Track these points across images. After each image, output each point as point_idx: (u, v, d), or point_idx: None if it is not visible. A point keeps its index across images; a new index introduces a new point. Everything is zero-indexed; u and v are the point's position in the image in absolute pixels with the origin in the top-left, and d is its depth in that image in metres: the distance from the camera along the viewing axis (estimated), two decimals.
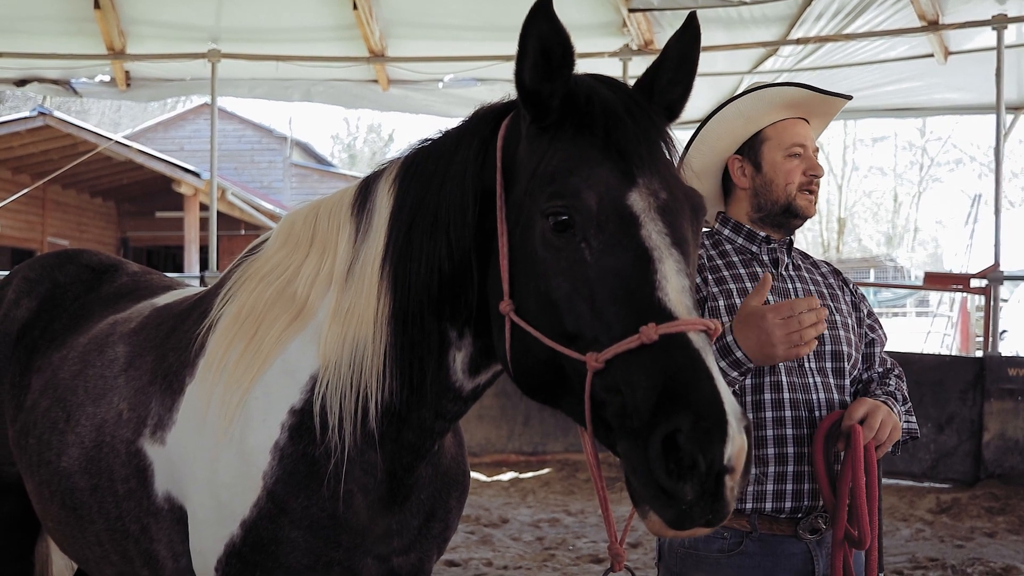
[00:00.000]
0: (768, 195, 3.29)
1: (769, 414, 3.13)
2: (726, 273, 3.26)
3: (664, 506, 2.02)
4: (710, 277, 3.24)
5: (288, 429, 2.65)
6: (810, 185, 3.28)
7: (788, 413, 3.13)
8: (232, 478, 2.68)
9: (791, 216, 3.30)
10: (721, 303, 3.20)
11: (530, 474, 11.24)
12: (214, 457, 2.72)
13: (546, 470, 11.31)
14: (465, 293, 2.51)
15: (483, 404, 11.37)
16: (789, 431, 3.13)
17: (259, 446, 2.66)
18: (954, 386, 10.28)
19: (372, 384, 2.58)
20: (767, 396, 3.14)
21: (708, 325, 2.14)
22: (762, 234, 3.32)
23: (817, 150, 3.36)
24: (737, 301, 3.19)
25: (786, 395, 3.14)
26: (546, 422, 11.26)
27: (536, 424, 11.44)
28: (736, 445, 1.99)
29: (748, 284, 3.24)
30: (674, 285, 2.16)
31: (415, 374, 2.59)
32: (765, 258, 3.32)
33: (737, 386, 3.06)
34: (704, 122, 3.34)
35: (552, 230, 2.23)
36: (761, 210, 3.32)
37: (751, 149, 3.32)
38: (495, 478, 11.06)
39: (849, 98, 3.39)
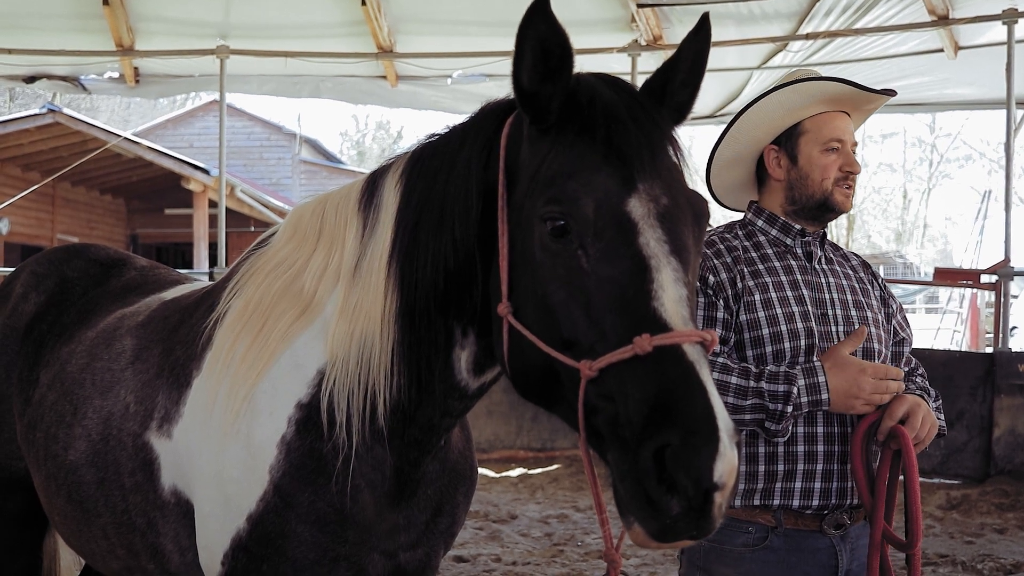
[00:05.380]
0: (803, 189, 3.27)
1: None
2: (761, 267, 3.24)
3: (649, 518, 1.99)
4: (745, 270, 3.21)
5: (295, 423, 2.65)
6: (847, 180, 3.26)
7: (819, 411, 3.10)
8: (239, 472, 2.68)
9: (826, 210, 3.28)
10: (757, 298, 3.17)
11: (539, 470, 11.23)
12: (220, 451, 2.71)
13: (555, 466, 11.31)
14: (470, 292, 2.49)
15: (492, 400, 11.40)
16: (819, 429, 3.12)
17: (266, 440, 2.65)
18: (964, 382, 10.25)
19: (380, 381, 2.57)
20: None
21: (704, 336, 2.10)
22: (797, 227, 3.30)
23: (856, 144, 3.33)
24: (773, 295, 3.18)
25: None
26: (555, 418, 11.11)
27: (545, 420, 11.43)
28: (727, 462, 1.95)
29: (783, 277, 3.22)
30: (671, 295, 2.12)
31: (423, 372, 2.58)
32: (799, 251, 3.30)
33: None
34: (743, 110, 3.32)
35: (550, 235, 2.20)
36: (795, 203, 3.30)
37: (788, 140, 3.30)
38: (504, 474, 11.06)
39: (893, 93, 3.35)
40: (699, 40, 2.44)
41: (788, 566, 3.14)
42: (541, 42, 2.24)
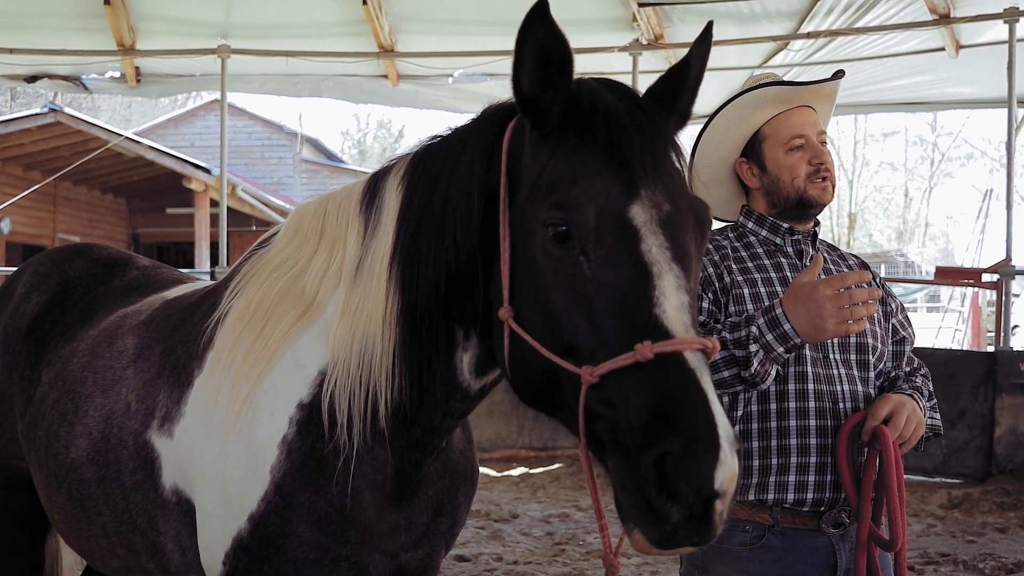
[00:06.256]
0: (778, 192, 3.29)
1: (792, 404, 3.12)
2: (751, 264, 3.25)
3: (650, 525, 1.99)
4: (734, 267, 3.23)
5: (296, 424, 2.65)
6: (818, 173, 3.25)
7: (812, 404, 3.12)
8: (240, 472, 2.68)
9: (805, 207, 3.28)
10: (746, 291, 3.19)
11: (540, 469, 11.24)
12: (222, 451, 2.71)
13: (556, 465, 11.32)
14: (471, 294, 2.49)
15: (493, 399, 11.40)
16: (812, 422, 3.12)
17: (267, 440, 2.65)
18: (965, 381, 10.24)
19: (382, 383, 2.57)
20: (791, 386, 3.13)
21: (705, 344, 2.10)
22: (785, 225, 3.31)
23: (823, 133, 3.32)
24: (762, 290, 3.19)
25: (810, 386, 3.13)
26: None
27: (546, 419, 11.30)
28: (728, 470, 1.95)
29: (773, 274, 3.24)
30: (672, 302, 2.12)
31: (424, 373, 2.58)
32: (789, 250, 3.32)
33: (779, 367, 3.02)
34: (698, 138, 3.35)
35: (551, 241, 2.19)
36: (776, 206, 3.31)
37: (753, 150, 3.32)
38: (505, 473, 11.06)
39: (839, 75, 3.33)
40: (703, 48, 2.45)
41: (786, 564, 3.14)
42: (541, 47, 2.23)
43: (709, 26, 2.47)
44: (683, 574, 3.32)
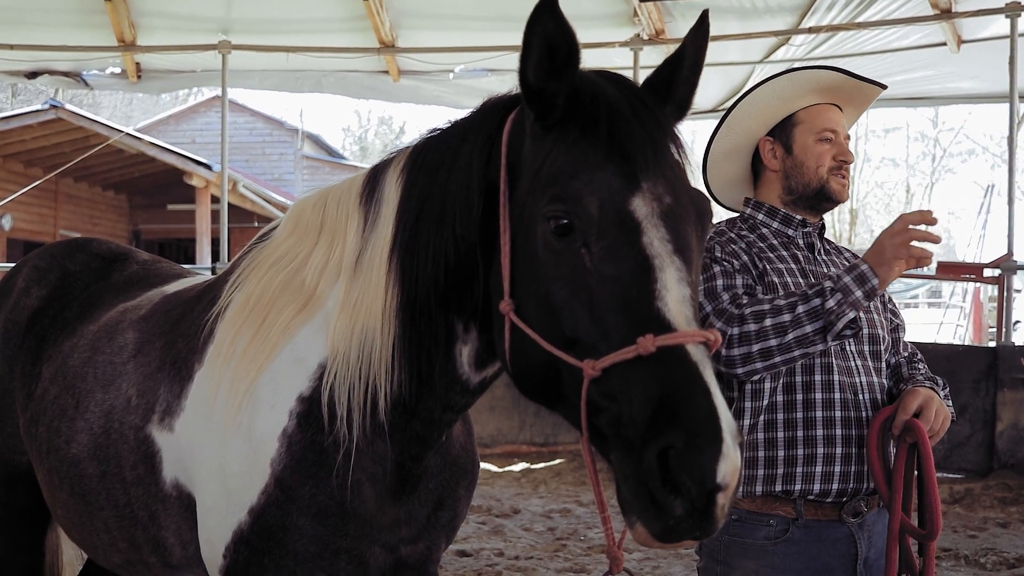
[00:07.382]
0: (799, 177, 3.32)
1: (819, 396, 3.15)
2: (772, 255, 3.28)
3: (652, 518, 1.99)
4: (757, 256, 3.25)
5: (296, 416, 2.65)
6: (840, 169, 3.31)
7: (837, 395, 3.15)
8: (240, 465, 2.68)
9: (823, 199, 3.33)
10: (777, 280, 3.22)
11: (542, 465, 11.24)
12: (222, 444, 2.71)
13: (558, 461, 11.32)
14: (471, 288, 2.48)
15: (495, 395, 11.41)
16: (838, 413, 3.15)
17: (267, 433, 2.65)
18: (967, 376, 10.24)
19: (381, 376, 2.57)
20: (818, 378, 3.16)
21: (707, 337, 2.10)
22: (798, 218, 3.35)
23: (848, 137, 3.39)
24: (789, 280, 3.22)
25: (835, 377, 3.16)
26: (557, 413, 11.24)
27: (547, 415, 11.36)
28: (730, 463, 1.95)
29: (793, 266, 3.28)
30: (674, 295, 2.11)
31: (423, 366, 2.58)
32: (801, 242, 3.36)
33: (850, 324, 2.98)
34: (737, 102, 3.37)
35: (553, 234, 2.19)
36: (792, 192, 3.34)
37: (783, 131, 3.36)
38: (506, 469, 11.07)
39: (884, 87, 3.42)
40: (699, 37, 2.45)
41: (810, 557, 3.17)
42: (548, 39, 2.23)
43: (705, 14, 2.46)
44: (702, 568, 3.32)
